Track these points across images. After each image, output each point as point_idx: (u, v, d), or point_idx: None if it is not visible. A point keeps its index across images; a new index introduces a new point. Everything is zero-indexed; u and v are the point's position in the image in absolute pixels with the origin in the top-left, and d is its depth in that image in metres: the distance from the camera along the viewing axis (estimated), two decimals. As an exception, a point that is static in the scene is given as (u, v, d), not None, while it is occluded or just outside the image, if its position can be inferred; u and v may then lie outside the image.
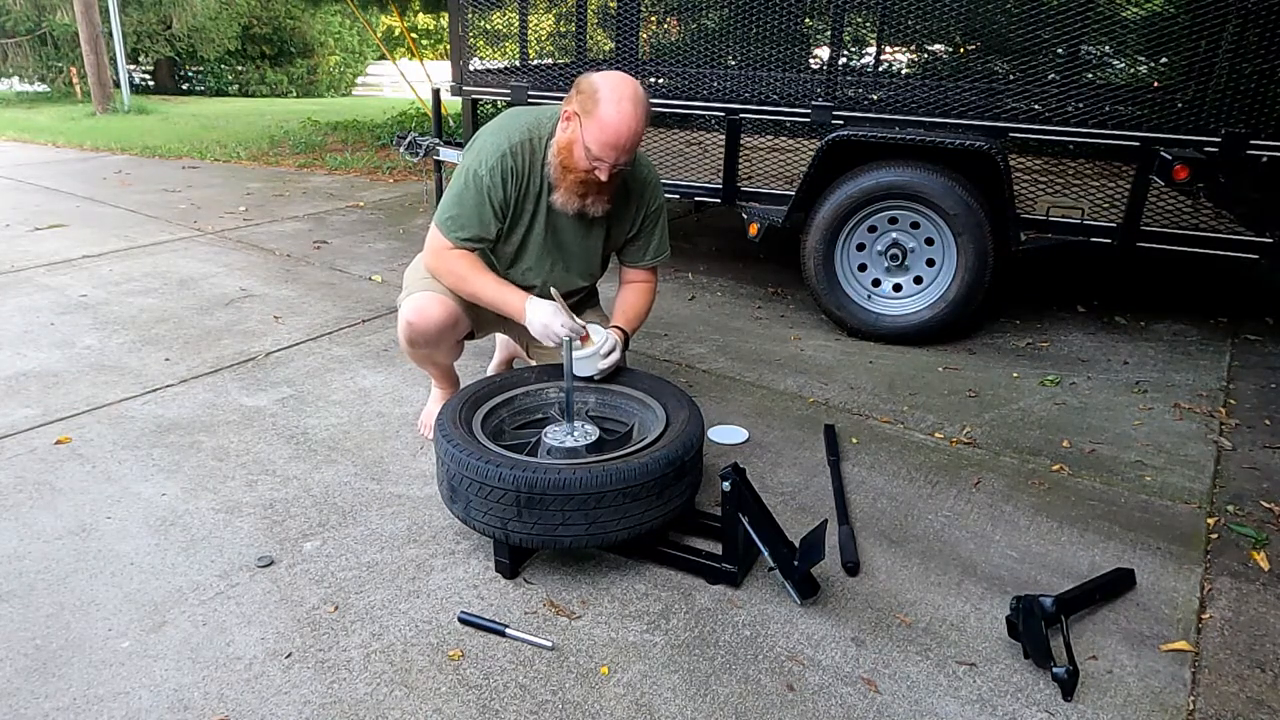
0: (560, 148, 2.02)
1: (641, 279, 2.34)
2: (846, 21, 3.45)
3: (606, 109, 1.91)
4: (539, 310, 2.05)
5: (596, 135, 1.92)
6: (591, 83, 1.96)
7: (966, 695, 1.59)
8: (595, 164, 1.96)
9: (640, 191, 2.22)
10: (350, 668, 1.61)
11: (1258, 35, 2.77)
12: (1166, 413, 2.83)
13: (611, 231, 2.25)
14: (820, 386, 2.97)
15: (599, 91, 1.93)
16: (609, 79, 1.96)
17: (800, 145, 3.64)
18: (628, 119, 1.93)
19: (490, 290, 2.11)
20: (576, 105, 1.96)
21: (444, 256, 2.13)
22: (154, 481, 2.24)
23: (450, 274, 2.15)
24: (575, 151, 1.98)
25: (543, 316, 2.04)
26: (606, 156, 1.94)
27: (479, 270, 2.13)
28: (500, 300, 2.11)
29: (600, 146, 1.93)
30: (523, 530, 1.75)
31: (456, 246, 2.11)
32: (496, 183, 2.05)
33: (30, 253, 4.36)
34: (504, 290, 2.12)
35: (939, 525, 2.14)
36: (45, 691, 1.54)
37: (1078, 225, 3.17)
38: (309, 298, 3.76)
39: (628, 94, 1.94)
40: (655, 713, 1.52)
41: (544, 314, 2.04)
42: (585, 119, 1.93)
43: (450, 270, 2.14)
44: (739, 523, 1.80)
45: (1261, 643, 1.76)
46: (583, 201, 2.07)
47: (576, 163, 1.99)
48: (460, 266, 2.12)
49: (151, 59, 15.65)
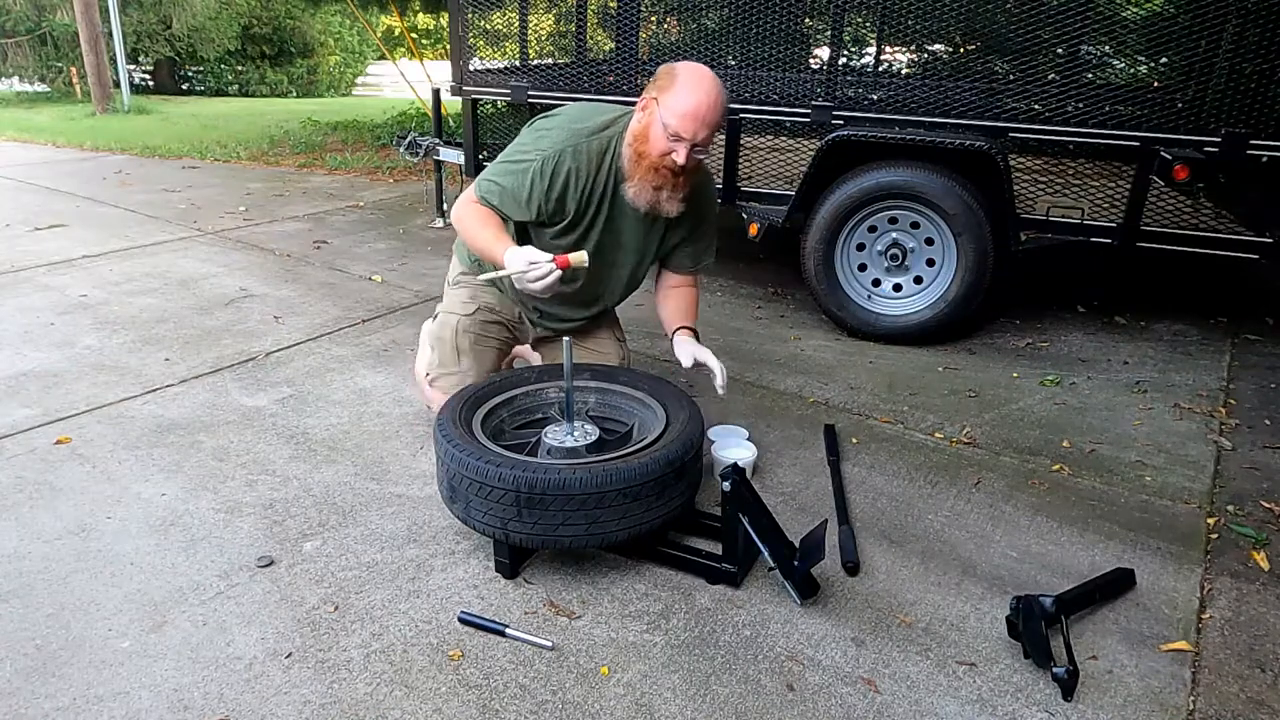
0: (635, 135, 1.99)
1: (686, 283, 2.31)
2: (846, 21, 3.45)
3: (685, 82, 1.91)
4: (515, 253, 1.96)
5: (675, 107, 1.89)
6: (670, 67, 1.97)
7: (966, 695, 1.59)
8: (673, 143, 1.92)
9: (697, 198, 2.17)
10: (350, 668, 1.61)
11: (1258, 35, 2.77)
12: (1166, 413, 2.83)
13: (666, 236, 2.22)
14: (820, 386, 2.97)
15: (677, 72, 1.94)
16: (688, 64, 1.97)
17: (800, 145, 3.64)
18: (709, 92, 1.91)
19: (487, 243, 2.05)
20: (654, 90, 1.95)
21: (466, 206, 2.12)
22: (154, 481, 2.24)
23: (462, 222, 2.13)
24: (652, 133, 1.94)
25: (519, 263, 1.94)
26: (685, 130, 1.90)
27: (486, 225, 2.07)
28: (488, 250, 2.04)
29: (679, 119, 1.89)
30: (523, 530, 1.75)
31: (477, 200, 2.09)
32: (547, 174, 2.01)
33: (30, 253, 4.36)
34: (494, 244, 2.04)
35: (939, 525, 2.14)
36: (45, 691, 1.54)
37: (1078, 225, 3.17)
38: (309, 298, 3.76)
39: (707, 74, 1.95)
40: (655, 713, 1.52)
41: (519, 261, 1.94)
42: (663, 95, 1.92)
43: (463, 218, 2.12)
44: (739, 523, 1.80)
45: (1261, 643, 1.76)
46: (657, 196, 2.01)
47: (653, 146, 1.95)
48: (474, 218, 2.09)
49: (151, 59, 15.65)
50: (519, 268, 1.93)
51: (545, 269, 1.90)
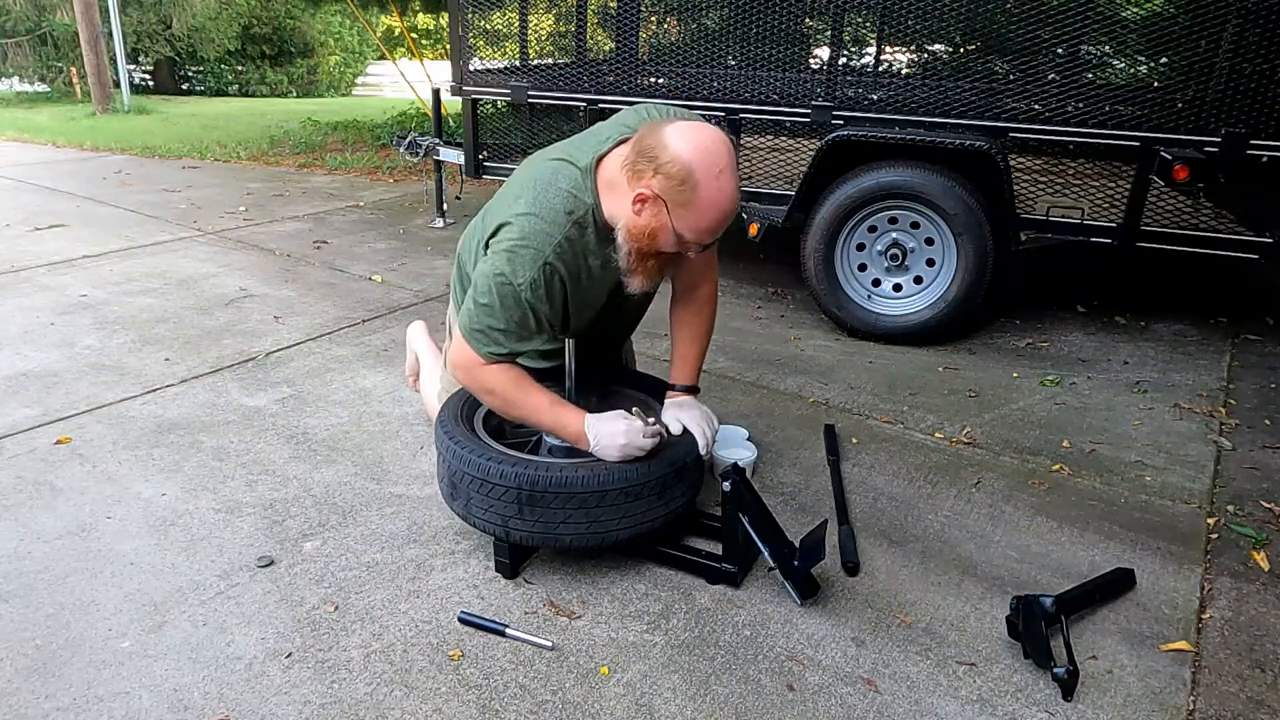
0: (636, 234, 1.69)
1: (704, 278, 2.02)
2: (846, 21, 3.45)
3: (707, 193, 1.60)
4: (610, 432, 1.75)
5: (696, 224, 1.63)
6: (678, 162, 1.59)
7: (966, 695, 1.59)
8: (689, 248, 1.69)
9: None
10: (350, 668, 1.61)
11: (1258, 35, 2.77)
12: (1166, 413, 2.83)
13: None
14: (820, 386, 2.97)
15: (694, 174, 1.58)
16: (698, 150, 1.59)
17: (800, 145, 3.64)
18: (730, 194, 1.62)
19: (545, 415, 1.81)
20: (659, 188, 1.61)
21: (477, 374, 1.81)
22: (154, 481, 2.24)
23: (489, 395, 1.84)
24: (661, 238, 1.67)
25: (617, 439, 1.74)
26: (706, 239, 1.68)
27: (527, 388, 1.81)
28: (556, 425, 1.81)
29: (701, 234, 1.65)
30: (523, 528, 1.75)
31: (490, 363, 1.79)
32: (540, 298, 1.72)
33: (30, 253, 4.36)
34: (559, 411, 1.81)
35: (939, 525, 2.14)
36: (45, 691, 1.54)
37: (1078, 225, 3.17)
38: (309, 298, 3.76)
39: (724, 163, 1.61)
40: (655, 713, 1.52)
41: (617, 435, 1.75)
42: (678, 209, 1.62)
43: (489, 390, 1.82)
44: (739, 523, 1.80)
45: (1261, 643, 1.76)
46: (663, 275, 1.81)
47: (661, 248, 1.69)
48: (503, 386, 1.80)
49: (151, 59, 15.65)
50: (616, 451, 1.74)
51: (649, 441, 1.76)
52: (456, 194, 5.60)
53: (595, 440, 1.76)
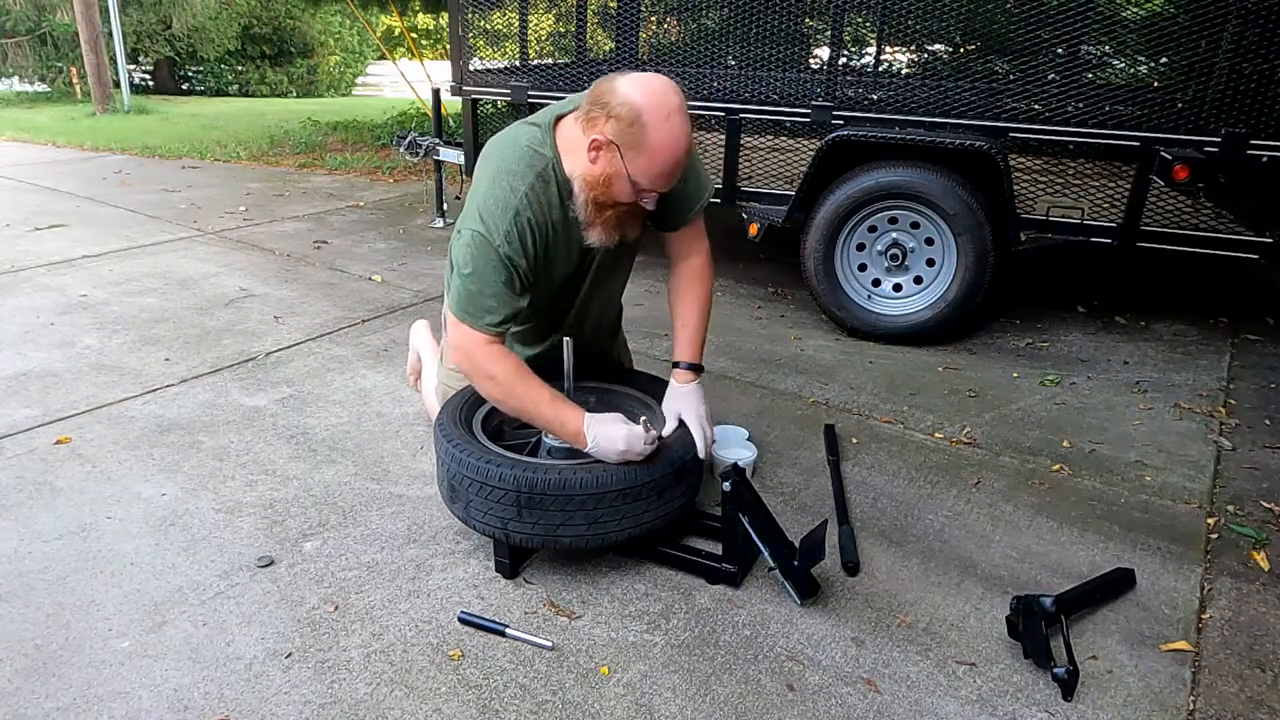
0: (591, 182, 1.71)
1: (694, 249, 2.01)
2: (846, 21, 3.45)
3: (657, 134, 1.61)
4: (610, 435, 1.74)
5: (648, 167, 1.65)
6: (628, 104, 1.61)
7: (966, 695, 1.59)
8: (644, 196, 1.71)
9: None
10: (350, 668, 1.61)
11: (1258, 35, 2.77)
12: (1166, 413, 2.83)
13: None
14: (820, 386, 2.97)
15: (642, 115, 1.60)
16: (647, 93, 1.62)
17: (800, 145, 3.64)
18: (680, 137, 1.64)
19: (545, 408, 1.77)
20: (611, 132, 1.64)
21: (478, 358, 1.76)
22: (154, 481, 2.24)
23: (490, 381, 1.78)
24: (616, 186, 1.69)
25: (616, 443, 1.73)
26: (661, 185, 1.69)
27: (528, 379, 1.78)
28: (555, 420, 1.78)
29: (654, 178, 1.66)
30: (523, 530, 1.75)
31: (490, 338, 1.76)
32: (516, 250, 1.72)
33: (30, 253, 4.36)
34: (559, 408, 1.78)
35: (939, 525, 2.14)
36: (45, 691, 1.54)
37: (1078, 225, 3.17)
38: (309, 298, 3.76)
39: (673, 104, 1.63)
40: (655, 713, 1.52)
41: (617, 440, 1.73)
42: (629, 151, 1.63)
43: (489, 376, 1.77)
44: (739, 523, 1.80)
45: (1261, 643, 1.76)
46: (621, 231, 1.80)
47: (617, 197, 1.71)
48: (505, 373, 1.76)
49: (151, 59, 15.66)
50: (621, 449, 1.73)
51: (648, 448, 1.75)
52: (456, 194, 5.60)
53: (594, 441, 1.75)
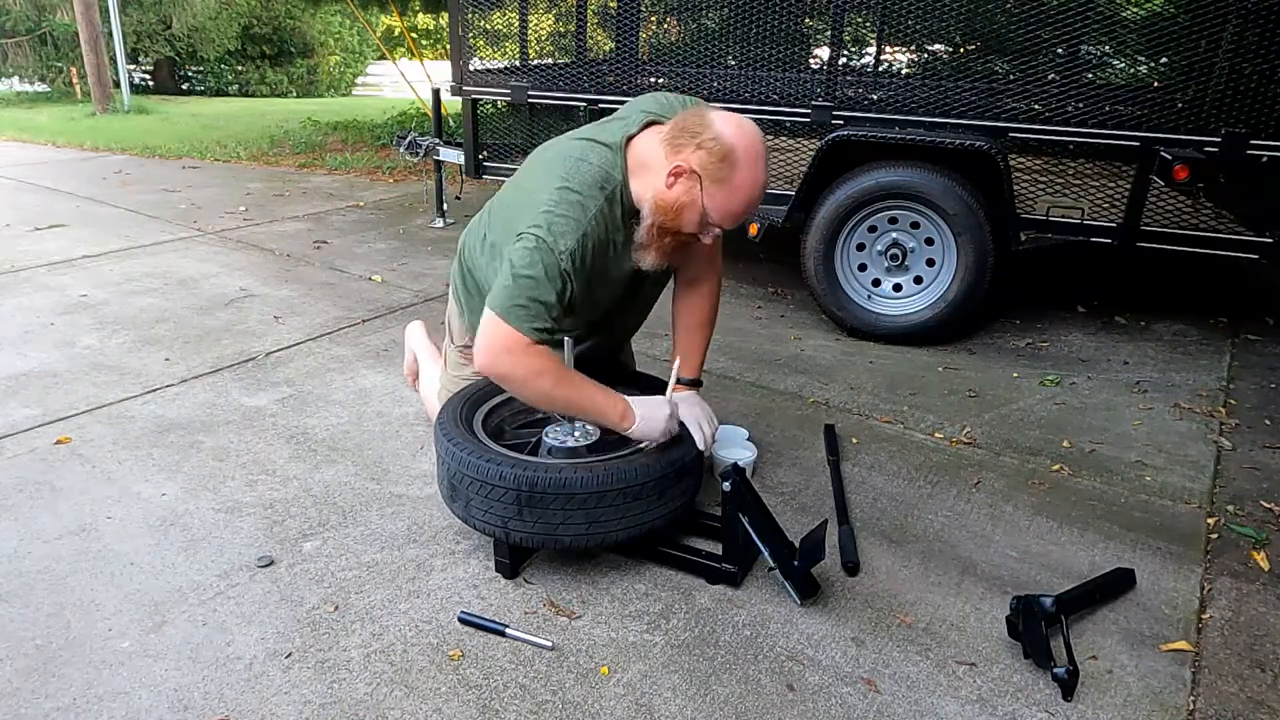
0: (665, 207, 1.70)
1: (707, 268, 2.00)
2: (846, 21, 3.45)
3: (744, 176, 1.65)
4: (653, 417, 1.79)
5: (725, 204, 1.67)
6: (720, 140, 1.64)
7: (966, 695, 1.59)
8: (709, 230, 1.73)
9: None
10: (350, 668, 1.61)
11: (1258, 35, 2.77)
12: (1166, 413, 2.83)
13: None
14: (820, 386, 2.97)
15: (735, 153, 1.64)
16: (740, 134, 1.66)
17: (800, 145, 3.64)
18: (761, 182, 1.69)
19: (590, 399, 1.78)
20: (697, 164, 1.66)
21: (522, 358, 1.70)
22: (154, 481, 2.24)
23: (540, 377, 1.73)
24: (687, 215, 1.70)
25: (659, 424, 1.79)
26: (729, 224, 1.72)
27: (572, 376, 1.78)
28: (600, 411, 1.79)
29: (725, 216, 1.69)
30: (523, 529, 1.75)
31: (535, 341, 1.70)
32: (575, 269, 1.70)
33: (30, 253, 4.36)
34: (604, 400, 1.79)
35: (939, 525, 2.14)
36: (45, 691, 1.54)
37: (1078, 225, 3.17)
38: (309, 298, 3.76)
39: (761, 150, 1.68)
40: (655, 713, 1.52)
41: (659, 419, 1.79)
42: (711, 184, 1.66)
43: (539, 373, 1.72)
44: (739, 523, 1.80)
45: (1261, 643, 1.76)
46: (673, 259, 1.84)
47: (684, 226, 1.72)
48: (548, 371, 1.73)
49: (151, 59, 15.65)
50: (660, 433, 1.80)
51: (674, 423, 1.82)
52: (456, 194, 5.60)
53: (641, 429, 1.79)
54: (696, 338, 2.05)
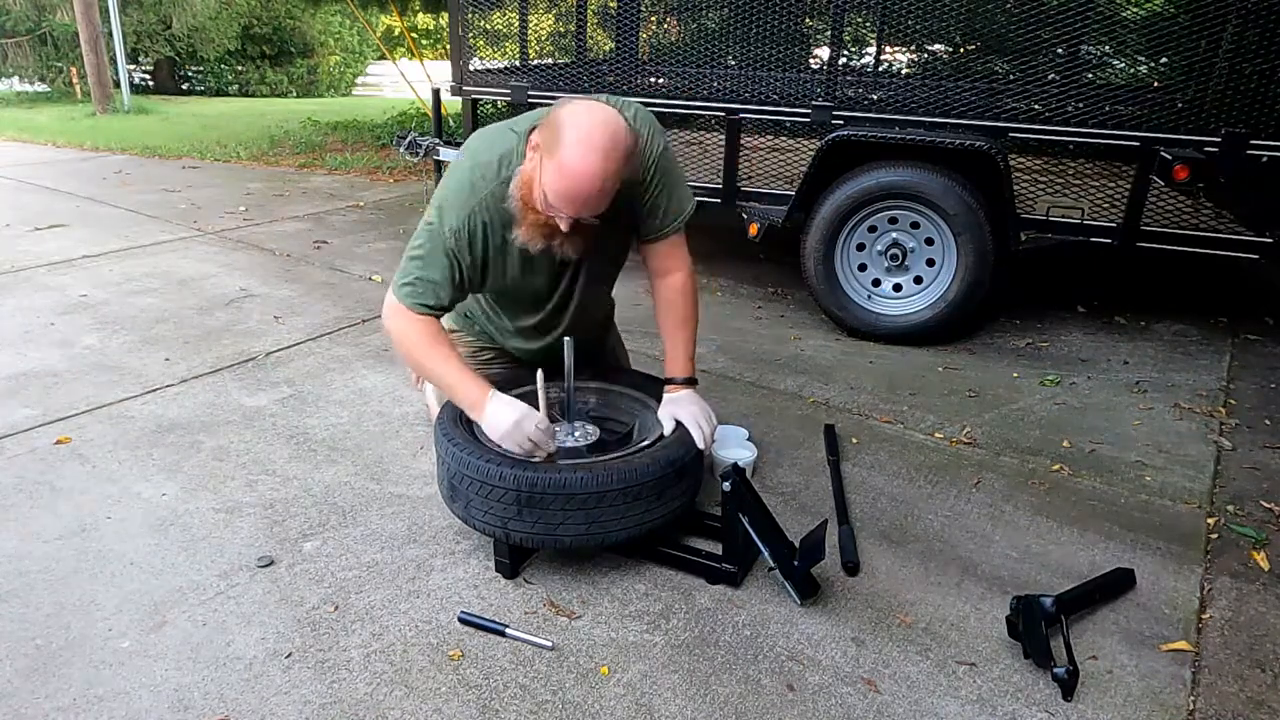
0: (523, 180, 1.73)
1: (673, 265, 1.99)
2: (846, 21, 3.45)
3: (568, 154, 1.60)
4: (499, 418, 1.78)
5: (552, 182, 1.64)
6: (560, 115, 1.64)
7: (966, 695, 1.59)
8: (551, 212, 1.69)
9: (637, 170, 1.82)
10: (350, 668, 1.61)
11: (1258, 35, 2.77)
12: (1166, 413, 2.83)
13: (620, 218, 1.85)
14: (820, 386, 2.97)
15: (564, 130, 1.61)
16: (581, 117, 1.63)
17: (800, 145, 3.64)
18: (589, 172, 1.61)
19: (451, 378, 1.84)
20: (541, 136, 1.68)
21: (399, 322, 1.85)
22: (154, 481, 2.24)
23: (406, 346, 1.87)
24: (535, 190, 1.70)
25: (502, 424, 1.77)
26: (562, 208, 1.66)
27: (443, 355, 1.85)
28: (455, 393, 1.85)
29: (555, 195, 1.65)
30: (523, 529, 1.75)
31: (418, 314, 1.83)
32: (463, 248, 1.79)
33: (30, 253, 4.36)
34: (464, 379, 1.83)
35: (939, 525, 2.14)
36: (45, 691, 1.54)
37: (1078, 225, 3.17)
38: (309, 298, 3.76)
39: (597, 141, 1.60)
40: (655, 713, 1.52)
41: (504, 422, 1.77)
42: (546, 158, 1.65)
43: (408, 343, 1.86)
44: (739, 523, 1.80)
45: (1261, 643, 1.76)
46: (549, 244, 1.78)
47: (534, 202, 1.71)
48: (420, 344, 1.84)
49: (151, 59, 15.65)
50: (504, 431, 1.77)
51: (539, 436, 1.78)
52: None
53: (486, 421, 1.80)
54: (678, 336, 2.02)
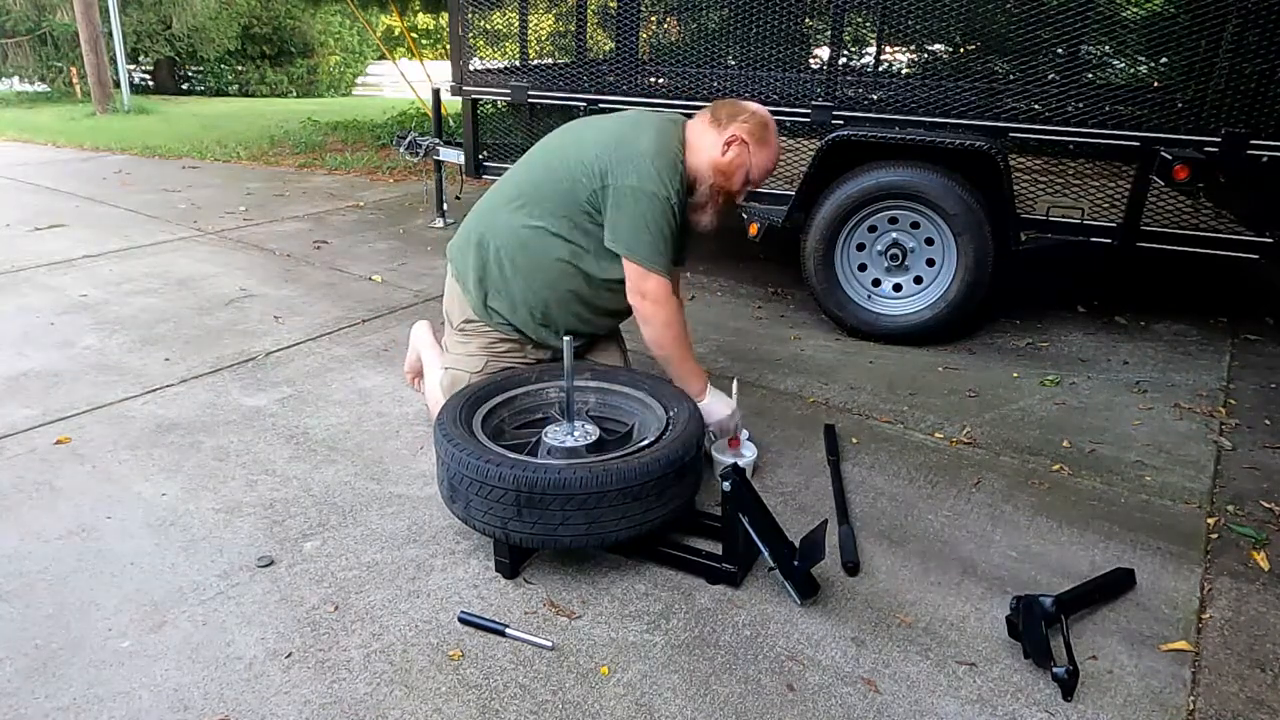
0: (723, 170, 2.09)
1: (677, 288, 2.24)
2: (846, 21, 3.45)
3: (774, 139, 2.11)
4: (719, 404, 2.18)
5: (764, 164, 2.11)
6: (758, 115, 2.11)
7: (966, 695, 1.59)
8: (748, 186, 2.13)
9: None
10: (350, 668, 1.61)
11: (1258, 35, 2.77)
12: (1166, 413, 2.83)
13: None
14: (820, 386, 2.97)
15: (769, 123, 2.11)
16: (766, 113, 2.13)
17: (800, 145, 3.64)
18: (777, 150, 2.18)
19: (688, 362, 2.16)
20: (744, 133, 2.08)
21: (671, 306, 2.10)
22: (154, 481, 2.24)
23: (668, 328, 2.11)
24: (738, 176, 2.09)
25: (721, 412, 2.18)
26: (760, 181, 2.14)
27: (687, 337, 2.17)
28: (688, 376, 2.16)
29: (763, 174, 2.12)
30: (523, 530, 1.75)
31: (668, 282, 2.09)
32: (679, 206, 2.07)
33: (30, 253, 4.36)
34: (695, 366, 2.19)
35: (939, 525, 2.14)
36: (45, 691, 1.54)
37: (1078, 225, 3.17)
38: (309, 298, 3.76)
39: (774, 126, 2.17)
40: (655, 713, 1.52)
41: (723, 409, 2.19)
42: (757, 147, 2.08)
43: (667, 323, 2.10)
44: (739, 523, 1.80)
45: (1261, 643, 1.76)
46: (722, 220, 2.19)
47: (734, 186, 2.11)
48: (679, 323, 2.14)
49: (151, 59, 15.65)
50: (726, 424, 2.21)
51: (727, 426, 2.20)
52: (456, 194, 5.60)
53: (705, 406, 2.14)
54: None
